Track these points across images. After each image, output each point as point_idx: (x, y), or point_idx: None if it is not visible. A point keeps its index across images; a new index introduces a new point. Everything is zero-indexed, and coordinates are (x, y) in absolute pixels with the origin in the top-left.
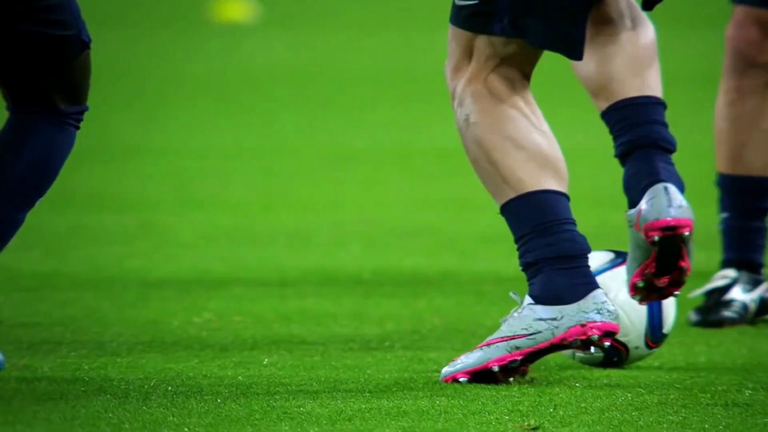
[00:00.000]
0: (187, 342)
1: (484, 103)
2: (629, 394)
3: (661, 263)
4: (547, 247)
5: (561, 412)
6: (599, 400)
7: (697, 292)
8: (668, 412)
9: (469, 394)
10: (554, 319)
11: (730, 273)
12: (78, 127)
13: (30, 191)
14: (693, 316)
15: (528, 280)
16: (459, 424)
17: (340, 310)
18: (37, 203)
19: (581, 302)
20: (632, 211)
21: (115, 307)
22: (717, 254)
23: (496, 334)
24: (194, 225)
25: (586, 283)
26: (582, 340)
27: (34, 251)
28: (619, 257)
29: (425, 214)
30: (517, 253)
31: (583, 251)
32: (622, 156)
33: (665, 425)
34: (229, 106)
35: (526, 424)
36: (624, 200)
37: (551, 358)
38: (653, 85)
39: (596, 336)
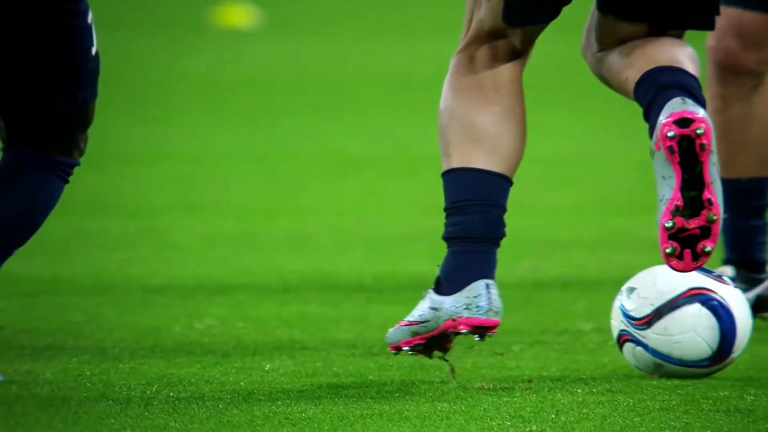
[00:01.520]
0: (189, 347)
1: (454, 74)
2: (631, 400)
3: (685, 189)
4: (455, 226)
5: (563, 418)
6: (601, 406)
7: None
8: (670, 417)
9: (471, 399)
10: (437, 309)
11: (728, 271)
12: (66, 181)
13: (9, 239)
14: None
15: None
16: (461, 430)
17: (342, 316)
18: (14, 253)
19: (457, 295)
20: (653, 136)
21: (116, 313)
22: (717, 254)
23: (408, 316)
24: (196, 230)
25: (470, 274)
26: (455, 334)
27: (36, 256)
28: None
29: (427, 219)
30: (516, 258)
31: (489, 235)
32: (646, 109)
33: (667, 431)
34: (231, 112)
35: (528, 429)
36: (628, 208)
37: (551, 362)
38: (687, 64)
39: (465, 331)
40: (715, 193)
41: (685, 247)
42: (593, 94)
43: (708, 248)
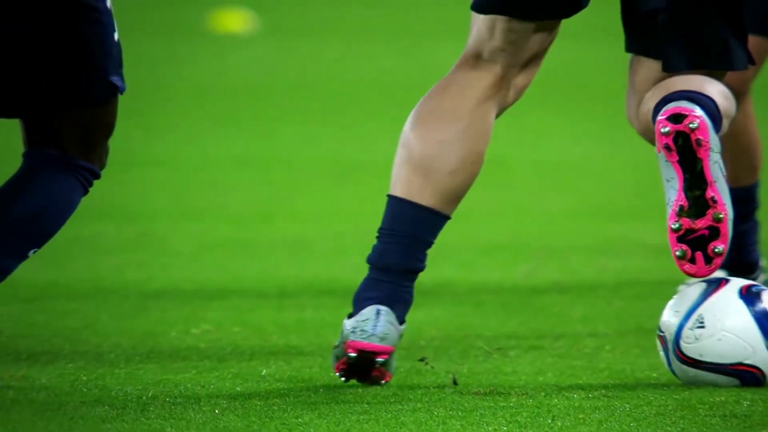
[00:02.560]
0: (185, 353)
1: (425, 95)
2: (627, 405)
3: (688, 189)
4: (372, 252)
5: (559, 423)
6: (597, 412)
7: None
8: (666, 423)
9: (467, 405)
10: (342, 333)
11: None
12: (85, 187)
13: (23, 238)
14: None
15: None
16: None
17: (338, 321)
18: (31, 255)
19: (352, 319)
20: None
21: (113, 318)
22: None
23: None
24: (193, 236)
25: (365, 299)
26: (348, 356)
27: (33, 262)
28: (712, 285)
29: None
30: (513, 263)
31: (398, 266)
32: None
33: None
34: (228, 117)
35: None
36: (625, 213)
37: (548, 367)
38: (711, 92)
39: (354, 355)
40: (719, 191)
41: (695, 250)
42: (590, 99)
43: (719, 248)
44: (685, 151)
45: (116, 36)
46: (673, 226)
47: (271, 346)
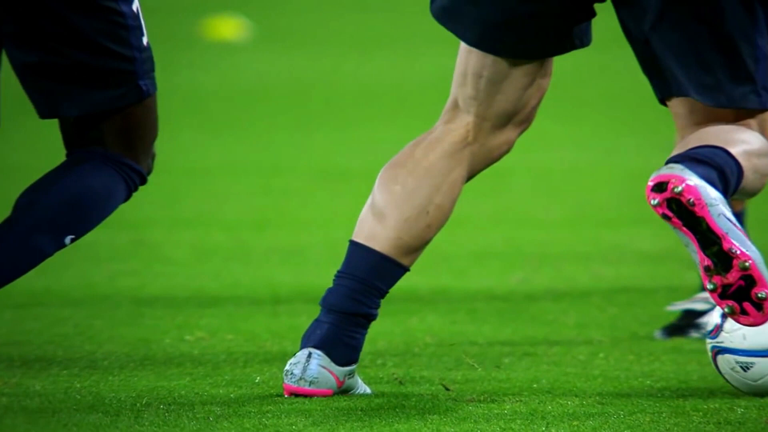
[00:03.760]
0: (179, 360)
1: (414, 140)
2: (621, 413)
3: (705, 248)
4: (325, 292)
5: (553, 430)
6: (591, 419)
7: (676, 307)
8: (660, 430)
9: (461, 412)
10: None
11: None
12: (129, 185)
13: (59, 223)
14: (659, 335)
15: None
16: None
17: None
18: (68, 243)
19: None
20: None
21: (107, 325)
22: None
23: None
24: (187, 243)
25: (304, 340)
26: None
27: None
28: None
29: None
30: (507, 271)
31: (342, 309)
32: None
33: None
34: (222, 124)
35: None
36: (619, 221)
37: (542, 374)
38: (734, 146)
39: (288, 397)
40: (734, 240)
41: (741, 301)
42: (584, 106)
43: (762, 294)
44: (684, 215)
45: (145, 40)
46: (709, 287)
47: (265, 353)
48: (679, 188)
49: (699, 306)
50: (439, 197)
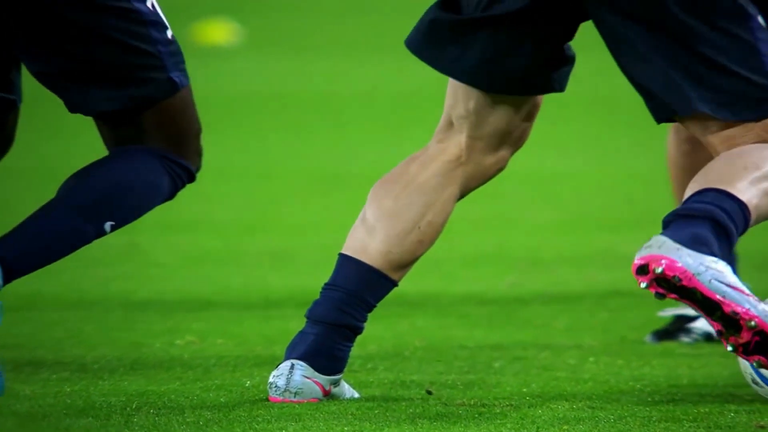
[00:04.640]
0: (169, 364)
1: (409, 156)
2: (612, 417)
3: (710, 315)
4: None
5: None
6: (582, 423)
7: (667, 313)
8: None
9: (451, 416)
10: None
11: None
12: (174, 179)
13: (99, 208)
14: (649, 339)
15: None
16: None
17: None
18: (108, 230)
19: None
20: None
21: (98, 329)
22: None
23: None
24: (178, 247)
25: (288, 352)
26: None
27: None
28: None
29: None
30: (498, 275)
31: (327, 319)
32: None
33: None
34: (213, 128)
35: None
36: (610, 225)
37: (532, 379)
38: (738, 184)
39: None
40: (734, 302)
41: (766, 353)
42: (577, 110)
43: None
44: (675, 289)
45: (170, 33)
46: (730, 350)
47: (256, 357)
48: (660, 269)
49: (690, 311)
50: (431, 214)
